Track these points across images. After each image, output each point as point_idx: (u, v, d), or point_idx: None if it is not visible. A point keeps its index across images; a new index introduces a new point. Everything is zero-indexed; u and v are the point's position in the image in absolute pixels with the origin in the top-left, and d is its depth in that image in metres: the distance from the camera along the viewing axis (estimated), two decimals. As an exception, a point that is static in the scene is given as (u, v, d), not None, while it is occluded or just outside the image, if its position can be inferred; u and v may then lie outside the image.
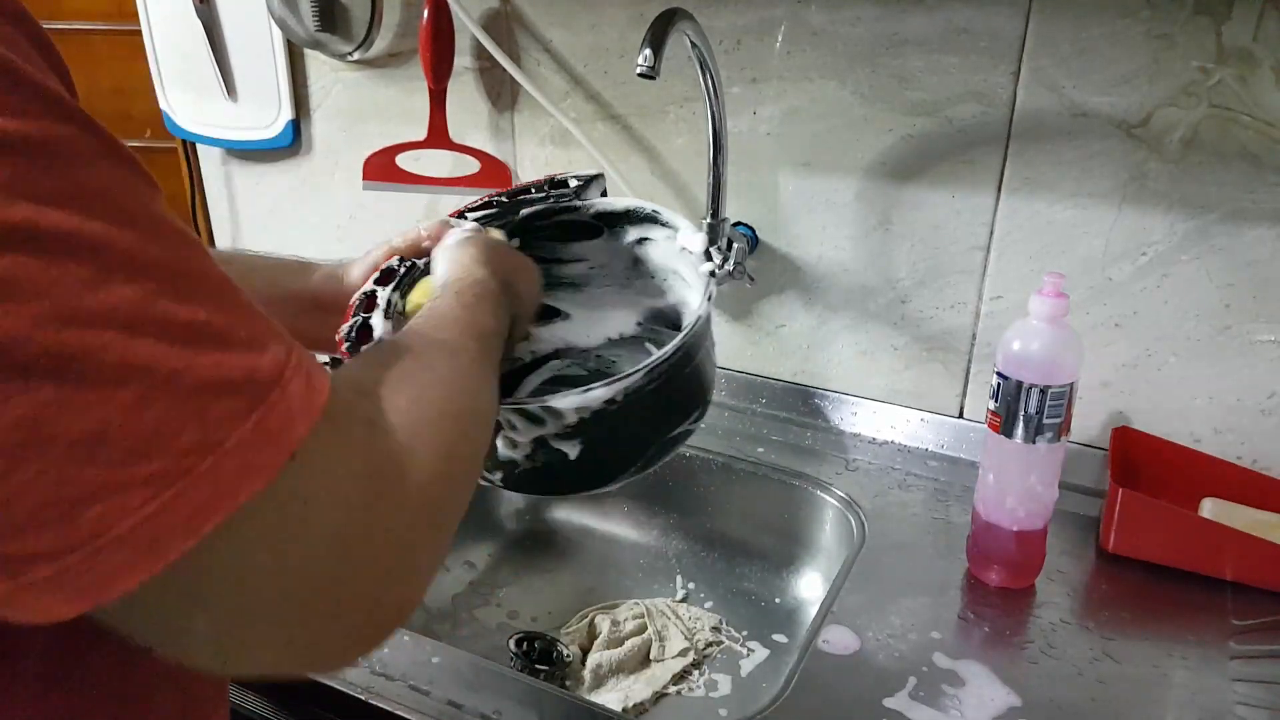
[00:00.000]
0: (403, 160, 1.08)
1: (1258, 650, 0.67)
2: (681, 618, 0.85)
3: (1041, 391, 0.67)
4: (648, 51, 0.70)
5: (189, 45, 1.14)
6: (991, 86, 0.81)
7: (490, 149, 1.06)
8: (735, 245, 0.89)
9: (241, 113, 1.18)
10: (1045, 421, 0.68)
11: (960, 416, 0.93)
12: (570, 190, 0.68)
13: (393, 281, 0.56)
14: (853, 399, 0.97)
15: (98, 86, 1.47)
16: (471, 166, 1.06)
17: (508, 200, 0.68)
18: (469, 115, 1.06)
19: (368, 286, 0.56)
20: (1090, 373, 0.85)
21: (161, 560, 0.26)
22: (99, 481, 0.25)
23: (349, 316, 0.54)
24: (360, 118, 1.13)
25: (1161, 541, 0.75)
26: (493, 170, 1.06)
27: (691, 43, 0.77)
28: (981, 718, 0.61)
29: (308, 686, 0.65)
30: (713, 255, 0.65)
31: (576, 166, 1.02)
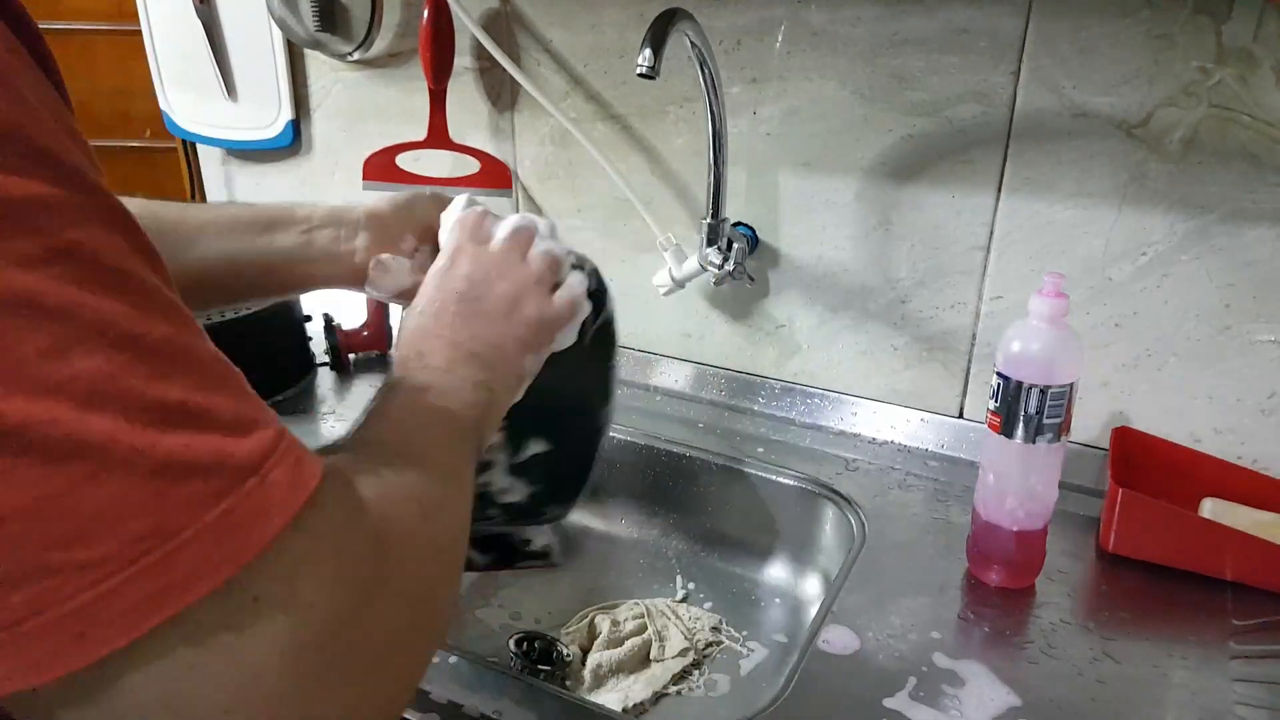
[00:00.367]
0: (403, 160, 1.08)
1: (1258, 650, 0.67)
2: (681, 618, 0.85)
3: (1041, 391, 0.67)
4: (648, 51, 0.70)
5: (189, 45, 1.15)
6: (991, 86, 0.81)
7: (490, 149, 1.06)
8: (735, 245, 0.89)
9: (241, 113, 1.18)
10: (1045, 421, 0.68)
11: (960, 416, 0.93)
12: None
13: None
14: (852, 399, 0.97)
15: (98, 86, 1.47)
16: (471, 166, 1.06)
17: None
18: (469, 115, 1.06)
19: None
20: (1090, 373, 0.85)
21: (89, 654, 0.25)
22: (31, 561, 0.24)
23: None
24: (360, 118, 1.13)
25: (1161, 541, 0.75)
26: (492, 170, 1.06)
27: (691, 43, 0.77)
28: (981, 718, 0.61)
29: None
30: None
31: (576, 166, 1.03)
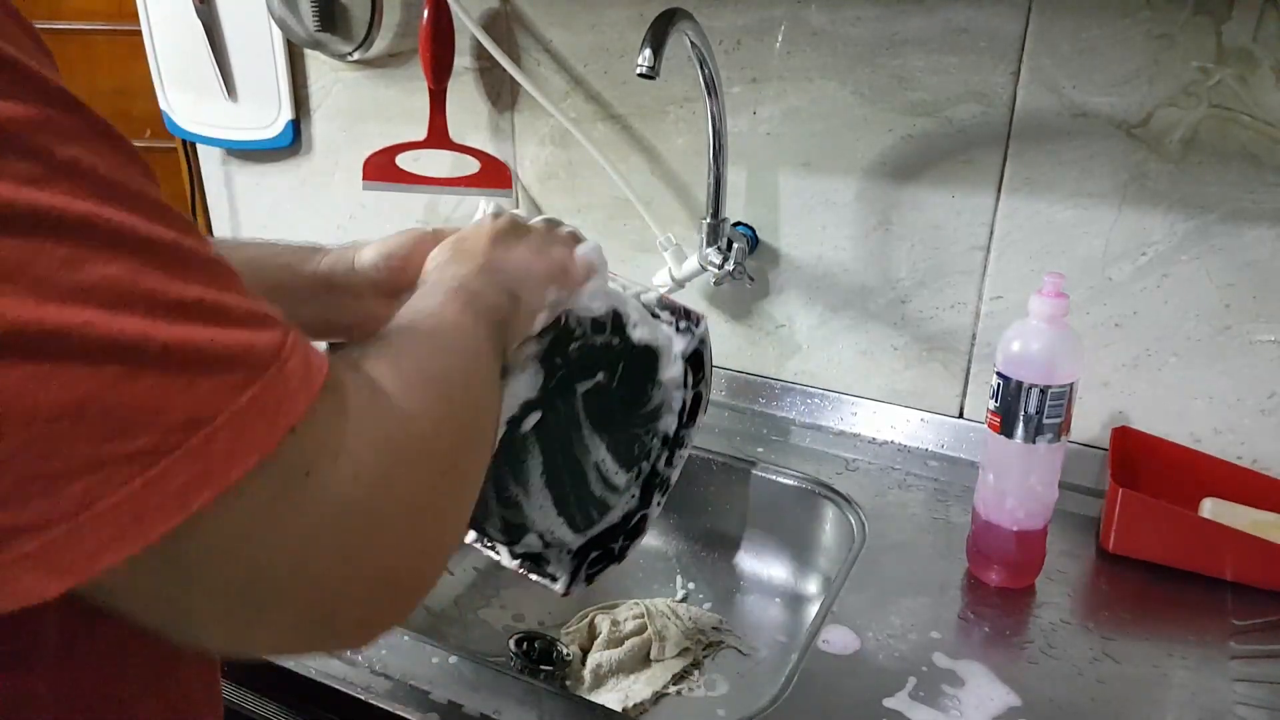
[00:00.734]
0: (403, 160, 1.08)
1: (1258, 650, 0.67)
2: (681, 618, 0.85)
3: (1041, 391, 0.67)
4: (648, 51, 0.70)
5: (189, 45, 1.14)
6: (991, 86, 0.81)
7: (490, 149, 1.06)
8: (735, 245, 0.89)
9: (241, 113, 1.18)
10: (1045, 421, 0.68)
11: (960, 416, 0.93)
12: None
13: None
14: (852, 399, 0.97)
15: (98, 87, 1.47)
16: (471, 166, 1.06)
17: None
18: (469, 115, 1.06)
19: None
20: (1090, 373, 0.85)
21: (147, 536, 0.26)
22: (82, 456, 0.25)
23: None
24: (360, 118, 1.13)
25: (1161, 541, 0.75)
26: (493, 170, 1.06)
27: (691, 43, 0.77)
28: (981, 718, 0.61)
29: (308, 687, 0.65)
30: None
31: (576, 166, 1.03)
